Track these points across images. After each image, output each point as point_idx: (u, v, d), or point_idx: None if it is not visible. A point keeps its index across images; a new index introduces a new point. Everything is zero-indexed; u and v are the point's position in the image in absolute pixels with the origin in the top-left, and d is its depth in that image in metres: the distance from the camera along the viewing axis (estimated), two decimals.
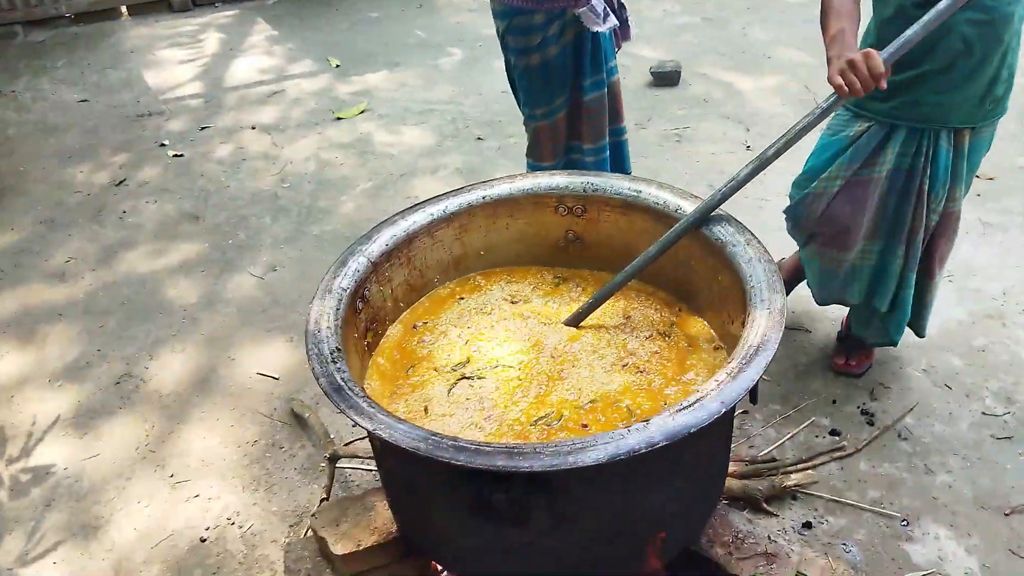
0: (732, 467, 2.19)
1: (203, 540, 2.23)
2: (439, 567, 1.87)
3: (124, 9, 6.09)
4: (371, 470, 2.38)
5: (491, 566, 1.56)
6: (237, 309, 3.13)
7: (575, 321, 1.88)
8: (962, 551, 2.08)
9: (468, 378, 1.75)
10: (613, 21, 2.47)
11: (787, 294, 2.22)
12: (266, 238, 3.54)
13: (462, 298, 2.00)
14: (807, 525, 2.14)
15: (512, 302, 1.97)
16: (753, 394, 1.48)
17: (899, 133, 2.12)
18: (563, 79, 2.53)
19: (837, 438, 2.39)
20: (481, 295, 2.01)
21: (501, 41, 2.59)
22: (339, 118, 4.46)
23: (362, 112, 4.51)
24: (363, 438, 2.47)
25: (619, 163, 2.83)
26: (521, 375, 1.75)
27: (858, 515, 2.18)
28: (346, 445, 2.39)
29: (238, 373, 2.83)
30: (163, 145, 4.28)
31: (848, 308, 2.55)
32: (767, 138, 3.92)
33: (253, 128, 4.43)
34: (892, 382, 2.56)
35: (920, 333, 2.48)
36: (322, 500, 2.21)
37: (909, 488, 2.25)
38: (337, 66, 5.08)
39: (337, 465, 2.31)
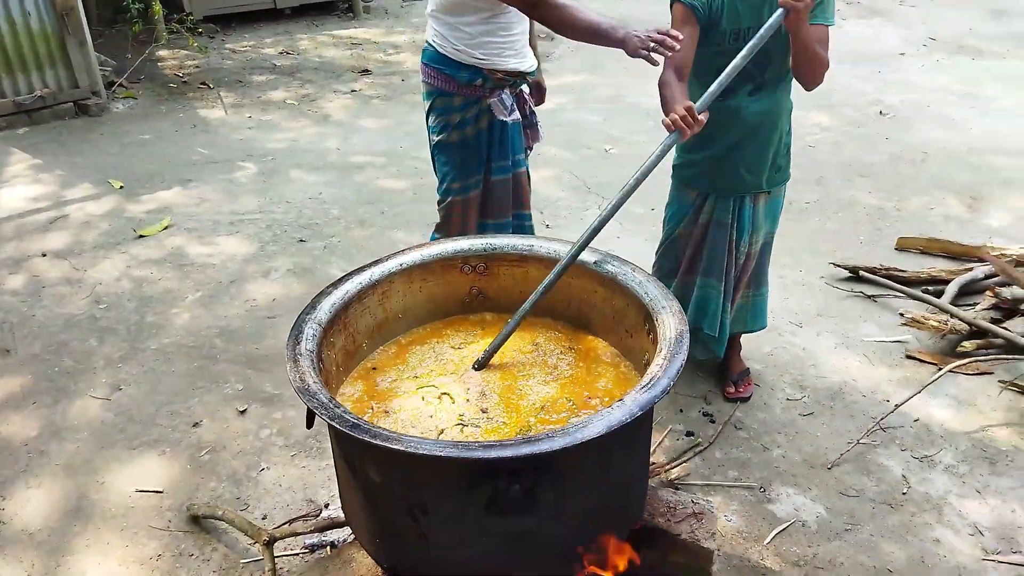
0: None
1: None
2: None
3: None
4: (313, 546, 2.40)
5: (490, 566, 1.75)
6: (90, 433, 2.94)
7: (483, 362, 2.12)
8: (808, 501, 2.62)
9: (433, 398, 1.97)
10: (516, 116, 2.84)
11: None
12: (97, 360, 3.35)
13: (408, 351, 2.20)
14: None
15: (454, 348, 2.21)
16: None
17: (714, 199, 2.76)
18: (478, 159, 2.85)
19: (692, 437, 2.88)
20: (419, 348, 2.23)
21: (426, 118, 2.89)
22: (142, 236, 4.34)
23: (166, 228, 4.43)
24: (299, 518, 2.49)
25: None
26: (478, 396, 2.00)
27: (727, 492, 2.65)
28: (279, 527, 2.38)
29: (114, 494, 2.66)
30: None
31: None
32: (560, 218, 4.55)
33: (44, 255, 4.15)
34: (716, 387, 3.14)
35: (753, 329, 3.08)
36: None
37: (755, 464, 2.78)
38: (121, 187, 4.93)
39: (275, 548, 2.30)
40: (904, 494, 2.65)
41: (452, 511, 1.68)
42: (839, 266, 3.94)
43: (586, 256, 2.25)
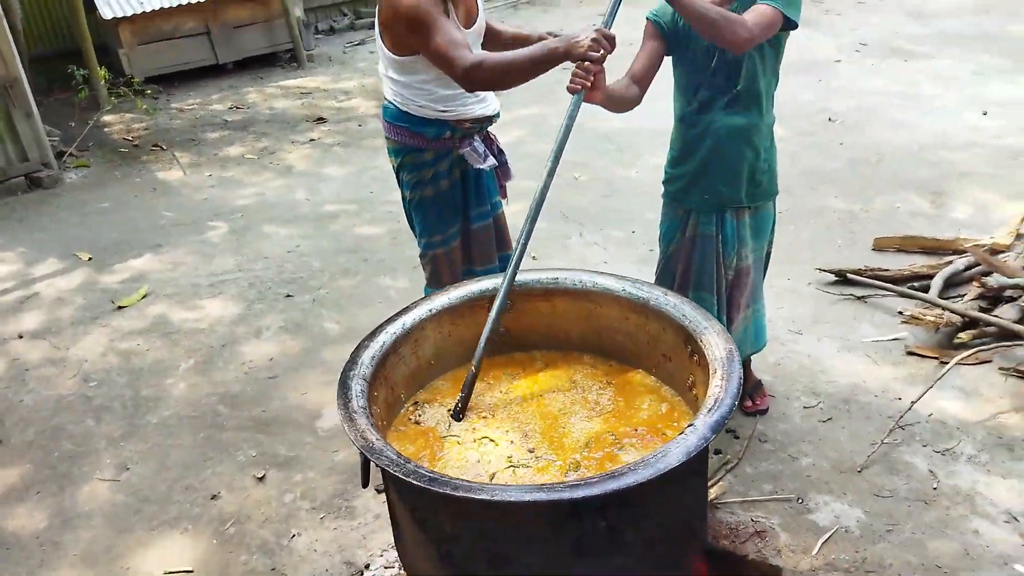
0: None
1: None
2: None
3: None
4: None
5: None
6: (103, 518, 2.81)
7: (461, 412, 2.07)
8: (846, 507, 2.65)
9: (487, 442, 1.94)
10: (492, 161, 2.80)
11: None
12: (98, 441, 3.21)
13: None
14: None
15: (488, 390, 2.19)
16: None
17: (697, 214, 2.81)
18: (454, 210, 2.82)
19: (720, 455, 2.90)
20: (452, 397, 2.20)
21: (396, 176, 2.84)
22: (121, 307, 4.20)
23: (145, 296, 4.30)
24: None
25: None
26: (521, 438, 1.98)
27: (765, 506, 2.66)
28: None
29: None
30: None
31: None
32: (543, 248, 4.56)
33: (21, 337, 3.98)
34: None
35: (755, 349, 3.10)
36: None
37: (787, 475, 2.80)
38: (89, 259, 4.77)
39: None
40: (935, 489, 2.70)
41: (536, 557, 1.65)
42: (825, 271, 4.04)
43: (612, 284, 2.27)
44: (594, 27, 2.23)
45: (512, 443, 2.01)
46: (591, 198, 5.12)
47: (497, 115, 2.84)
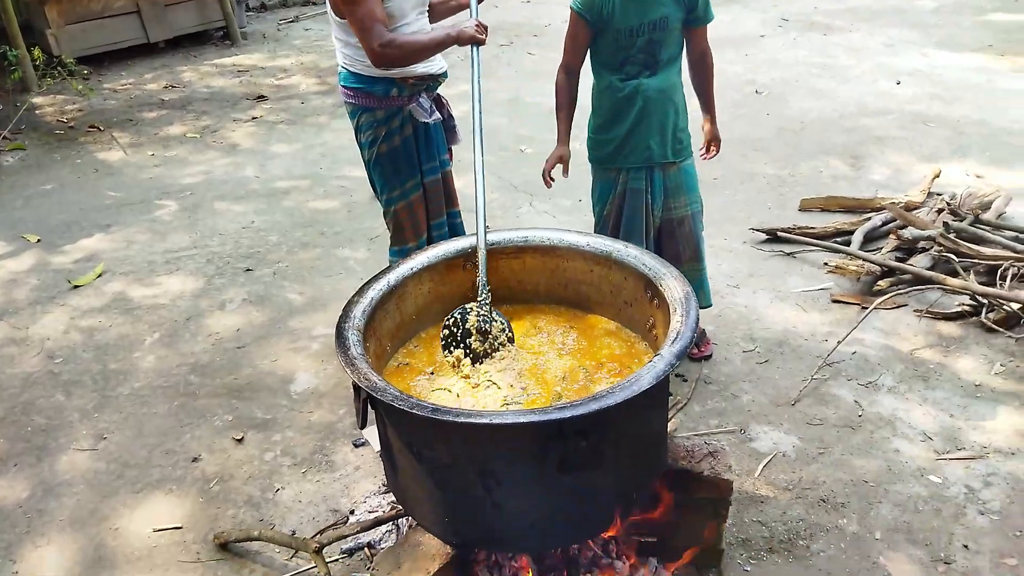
0: None
1: None
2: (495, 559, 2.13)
3: None
4: (351, 550, 2.49)
5: (559, 522, 1.94)
6: (86, 485, 2.89)
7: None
8: (783, 435, 2.95)
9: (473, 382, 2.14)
10: (437, 116, 3.02)
11: None
12: (71, 414, 3.27)
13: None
14: None
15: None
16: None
17: (626, 171, 3.08)
18: (410, 164, 3.02)
19: (671, 396, 3.16)
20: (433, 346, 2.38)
21: (356, 138, 3.02)
22: (77, 286, 4.21)
23: (100, 275, 4.31)
24: (331, 526, 2.57)
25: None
26: (509, 374, 2.19)
27: (712, 438, 2.94)
28: (321, 533, 2.45)
29: (132, 538, 2.65)
30: None
31: None
32: (496, 218, 4.75)
33: None
34: None
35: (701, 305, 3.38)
36: None
37: (730, 411, 3.09)
38: (38, 240, 4.73)
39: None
40: (860, 416, 3.03)
41: (526, 476, 1.86)
42: (758, 230, 4.35)
43: (577, 240, 2.47)
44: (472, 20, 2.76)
45: (500, 386, 2.20)
46: (539, 170, 5.28)
47: (444, 75, 3.05)
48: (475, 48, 2.73)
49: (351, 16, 2.68)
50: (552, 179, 3.21)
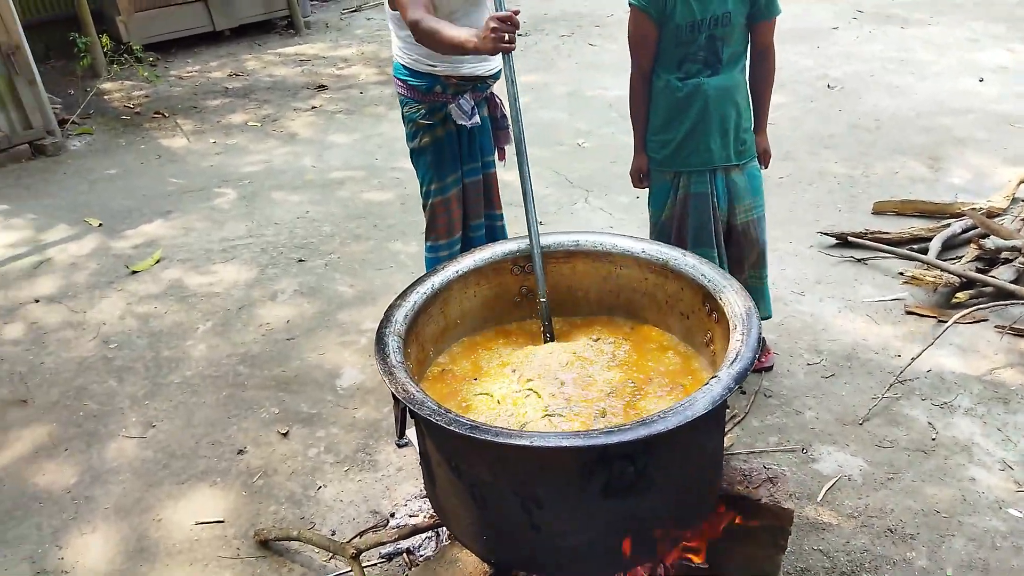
0: None
1: None
2: None
3: None
4: (390, 555, 2.44)
5: (602, 549, 1.83)
6: (132, 473, 2.91)
7: (548, 335, 2.25)
8: (849, 456, 2.78)
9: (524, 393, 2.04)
10: (476, 120, 2.90)
11: None
12: (122, 400, 3.30)
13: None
14: None
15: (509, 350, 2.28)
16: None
17: (688, 175, 2.90)
18: (453, 160, 2.96)
19: (728, 409, 3.01)
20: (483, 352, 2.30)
21: (405, 127, 2.98)
22: (135, 271, 4.26)
23: (158, 261, 4.36)
24: (370, 529, 2.53)
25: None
26: (554, 388, 2.09)
27: (771, 456, 2.79)
28: (361, 539, 2.40)
29: (174, 530, 2.65)
30: None
31: None
32: (550, 214, 4.64)
33: (37, 301, 4.04)
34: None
35: (762, 316, 3.21)
36: None
37: (792, 428, 2.92)
38: (100, 225, 4.82)
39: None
40: (934, 440, 2.83)
41: (568, 500, 1.75)
42: (826, 234, 4.13)
43: (631, 245, 2.35)
44: (493, 18, 2.22)
45: (540, 395, 2.11)
46: (596, 165, 5.18)
47: (495, 76, 2.93)
48: (507, 57, 2.28)
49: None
50: (644, 186, 3.07)
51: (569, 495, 1.75)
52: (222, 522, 2.68)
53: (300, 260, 4.29)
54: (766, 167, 3.09)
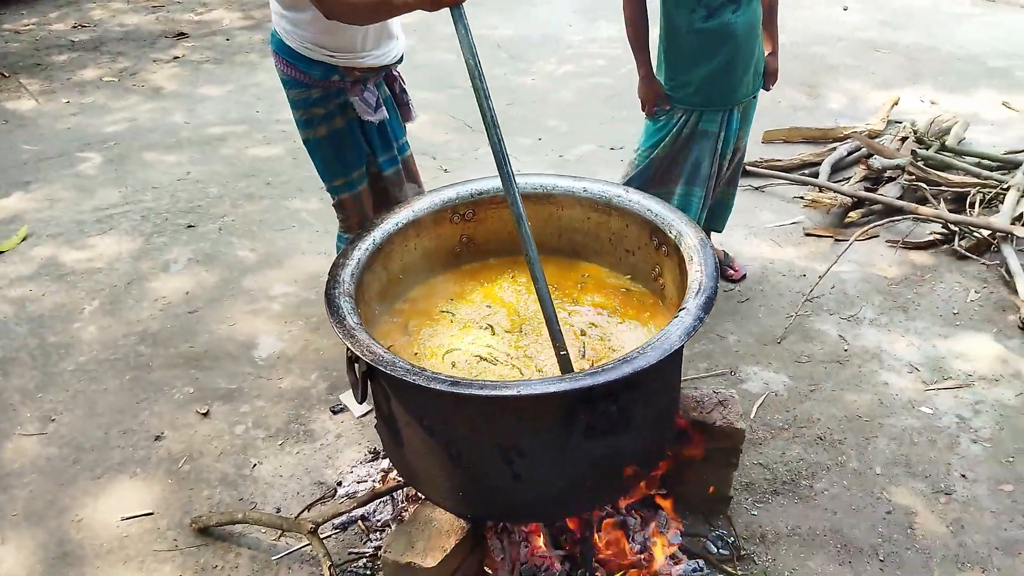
0: None
1: None
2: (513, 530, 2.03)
3: None
4: (344, 524, 2.35)
5: (584, 490, 1.83)
6: (39, 474, 2.64)
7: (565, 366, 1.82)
8: (772, 373, 2.91)
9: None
10: (383, 114, 2.53)
11: None
12: (11, 395, 2.97)
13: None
14: None
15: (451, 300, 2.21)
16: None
17: (700, 112, 2.84)
18: (357, 151, 2.57)
19: None
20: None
21: (292, 111, 2.55)
22: (0, 252, 3.82)
23: (25, 239, 3.92)
24: (317, 501, 2.42)
25: None
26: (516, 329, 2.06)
27: (703, 382, 2.88)
28: (309, 511, 2.29)
29: (99, 529, 2.44)
30: None
31: None
32: (454, 161, 4.54)
33: None
34: None
35: (718, 229, 3.36)
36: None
37: (718, 353, 3.03)
38: None
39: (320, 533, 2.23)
40: (846, 351, 3.01)
41: (550, 446, 1.73)
42: None
43: (571, 185, 2.32)
44: None
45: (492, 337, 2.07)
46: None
47: (399, 61, 2.55)
48: (455, 9, 1.87)
49: None
50: (656, 109, 2.92)
51: (552, 440, 1.73)
52: (151, 514, 2.48)
53: (189, 226, 3.98)
54: (769, 89, 3.07)
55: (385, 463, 2.54)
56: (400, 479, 2.25)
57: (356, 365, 1.84)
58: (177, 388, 2.98)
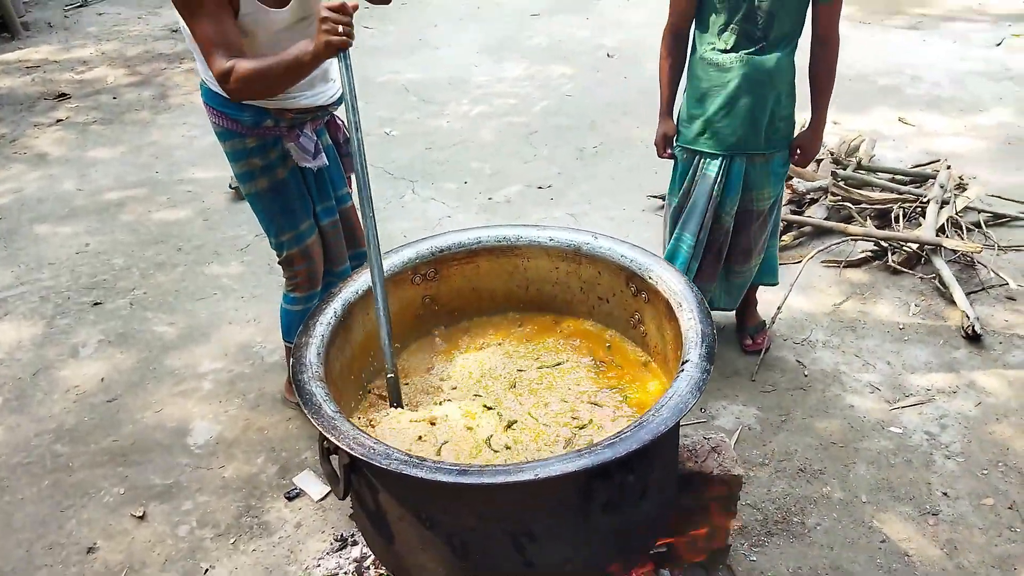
0: None
1: None
2: None
3: None
4: None
5: (599, 563, 1.69)
6: None
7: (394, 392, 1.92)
8: (741, 406, 2.87)
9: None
10: (323, 160, 2.41)
11: None
12: None
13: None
14: None
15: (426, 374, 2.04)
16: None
17: (702, 157, 2.70)
18: (302, 200, 2.46)
19: None
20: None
21: (230, 163, 2.41)
22: None
23: None
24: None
25: None
26: (509, 401, 1.90)
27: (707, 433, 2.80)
28: None
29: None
30: None
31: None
32: (381, 210, 4.35)
33: None
34: None
35: (731, 307, 3.11)
36: None
37: None
38: None
39: None
40: (806, 376, 3.01)
41: (566, 526, 1.59)
42: (654, 196, 4.27)
43: (536, 235, 2.21)
44: (325, 6, 1.79)
45: (493, 410, 1.91)
46: (412, 153, 4.93)
47: (337, 102, 2.41)
48: (342, 54, 1.81)
49: (193, 38, 2.05)
50: (669, 155, 2.87)
51: (568, 521, 1.59)
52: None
53: (96, 303, 3.62)
54: (797, 164, 2.85)
55: (356, 551, 2.32)
56: (382, 572, 2.05)
57: (334, 457, 1.65)
58: (105, 489, 2.66)
